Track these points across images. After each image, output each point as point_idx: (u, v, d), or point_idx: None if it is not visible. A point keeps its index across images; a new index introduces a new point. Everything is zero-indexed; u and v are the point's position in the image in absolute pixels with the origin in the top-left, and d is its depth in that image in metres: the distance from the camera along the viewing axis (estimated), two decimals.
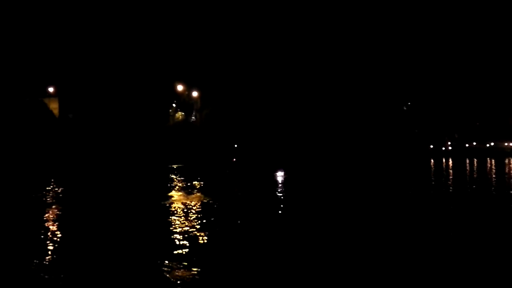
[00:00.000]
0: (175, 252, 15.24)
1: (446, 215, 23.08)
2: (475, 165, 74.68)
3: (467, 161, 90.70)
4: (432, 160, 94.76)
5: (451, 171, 61.14)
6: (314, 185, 41.01)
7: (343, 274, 12.89)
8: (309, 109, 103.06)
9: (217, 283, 12.43)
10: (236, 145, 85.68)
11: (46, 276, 12.76)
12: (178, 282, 12.19)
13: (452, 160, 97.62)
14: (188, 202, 27.30)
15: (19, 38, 76.79)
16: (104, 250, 15.88)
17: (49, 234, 18.69)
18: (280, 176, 49.49)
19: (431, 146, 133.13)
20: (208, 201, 27.80)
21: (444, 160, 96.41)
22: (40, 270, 13.16)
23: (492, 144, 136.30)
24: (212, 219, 21.65)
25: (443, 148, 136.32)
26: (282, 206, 27.24)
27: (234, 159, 67.38)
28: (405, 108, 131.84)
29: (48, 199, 29.75)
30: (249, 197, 31.96)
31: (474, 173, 56.41)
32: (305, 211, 24.63)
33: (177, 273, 12.81)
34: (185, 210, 24.20)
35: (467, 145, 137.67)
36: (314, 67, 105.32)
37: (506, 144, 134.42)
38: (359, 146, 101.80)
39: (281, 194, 33.03)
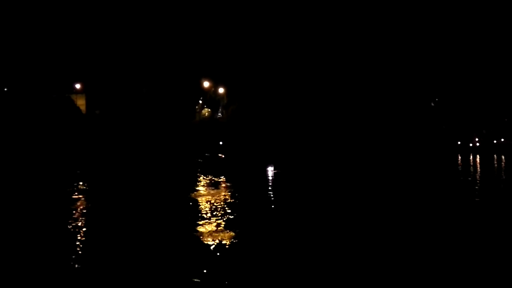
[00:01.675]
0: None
1: (470, 213, 22.87)
2: (503, 162, 73.72)
3: (495, 157, 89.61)
4: (459, 157, 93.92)
5: (478, 167, 60.51)
6: (330, 182, 40.97)
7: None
8: (333, 104, 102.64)
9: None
10: (221, 142, 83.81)
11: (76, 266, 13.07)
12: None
13: (479, 156, 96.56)
14: (213, 196, 27.61)
15: (45, 34, 77.73)
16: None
17: (74, 228, 18.95)
18: (271, 171, 48.91)
19: (459, 142, 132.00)
20: (231, 195, 28.16)
21: (471, 157, 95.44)
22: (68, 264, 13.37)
23: None
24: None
25: (471, 144, 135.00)
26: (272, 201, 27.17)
27: (222, 156, 67.15)
28: (432, 104, 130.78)
29: (76, 194, 30.14)
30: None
31: (502, 170, 55.68)
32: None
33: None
34: (210, 201, 24.47)
35: (495, 141, 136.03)
36: (341, 62, 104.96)
37: None
38: (384, 142, 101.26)
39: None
